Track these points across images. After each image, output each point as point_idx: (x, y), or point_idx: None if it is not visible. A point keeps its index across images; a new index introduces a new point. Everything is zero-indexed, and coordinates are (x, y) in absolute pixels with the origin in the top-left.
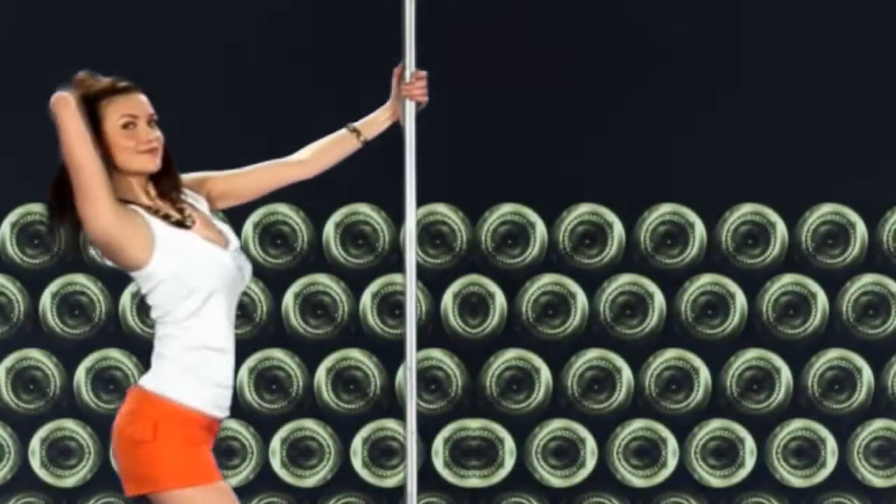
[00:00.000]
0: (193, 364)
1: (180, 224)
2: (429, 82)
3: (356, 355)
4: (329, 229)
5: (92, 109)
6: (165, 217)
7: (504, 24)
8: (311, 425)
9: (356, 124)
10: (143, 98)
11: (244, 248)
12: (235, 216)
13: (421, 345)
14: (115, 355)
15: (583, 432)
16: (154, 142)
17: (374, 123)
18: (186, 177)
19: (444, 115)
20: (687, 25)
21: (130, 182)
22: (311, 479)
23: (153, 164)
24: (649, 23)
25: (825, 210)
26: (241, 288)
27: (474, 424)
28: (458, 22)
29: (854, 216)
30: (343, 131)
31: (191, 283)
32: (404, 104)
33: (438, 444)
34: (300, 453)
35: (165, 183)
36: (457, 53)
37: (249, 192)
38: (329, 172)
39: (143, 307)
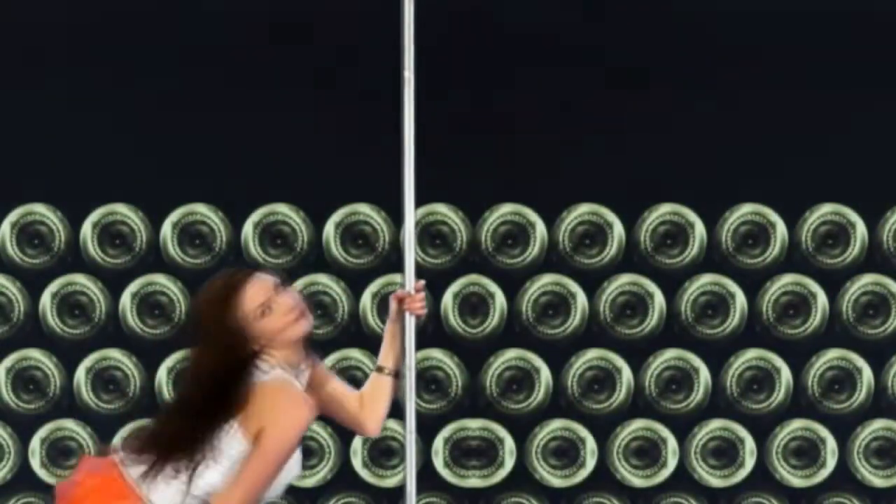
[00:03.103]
0: None
1: None
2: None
3: (356, 355)
4: (329, 229)
5: (235, 328)
6: None
7: (504, 23)
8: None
9: (379, 363)
10: (260, 277)
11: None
12: (236, 215)
13: (421, 345)
14: (115, 355)
15: (583, 432)
16: (297, 304)
17: (388, 353)
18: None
19: (444, 114)
20: (689, 25)
21: (289, 355)
22: (311, 479)
23: (309, 321)
24: (650, 23)
25: (825, 210)
26: None
27: (474, 424)
28: (457, 22)
29: (854, 216)
30: (372, 376)
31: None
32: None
33: (438, 444)
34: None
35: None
36: (456, 53)
37: (326, 404)
38: (329, 172)
39: (142, 307)
